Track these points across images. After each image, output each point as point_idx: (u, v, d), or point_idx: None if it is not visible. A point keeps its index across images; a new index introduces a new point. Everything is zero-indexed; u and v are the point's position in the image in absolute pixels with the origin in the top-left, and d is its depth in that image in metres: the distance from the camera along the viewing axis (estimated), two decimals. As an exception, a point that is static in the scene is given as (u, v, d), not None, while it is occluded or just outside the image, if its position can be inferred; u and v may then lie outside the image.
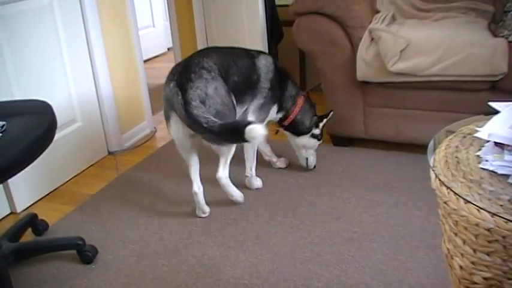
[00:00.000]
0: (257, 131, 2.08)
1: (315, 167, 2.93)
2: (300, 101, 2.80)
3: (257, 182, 2.78)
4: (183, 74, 2.36)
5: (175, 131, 2.41)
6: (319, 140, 2.85)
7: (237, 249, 2.26)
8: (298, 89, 2.85)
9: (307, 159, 2.89)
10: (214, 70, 2.41)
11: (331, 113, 2.87)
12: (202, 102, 2.26)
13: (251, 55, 2.68)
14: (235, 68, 2.55)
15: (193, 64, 2.40)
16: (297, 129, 2.81)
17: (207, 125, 2.19)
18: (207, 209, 2.56)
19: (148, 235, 2.44)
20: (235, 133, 2.16)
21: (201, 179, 2.55)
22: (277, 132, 2.90)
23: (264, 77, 2.65)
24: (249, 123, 2.13)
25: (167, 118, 2.43)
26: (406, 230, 2.30)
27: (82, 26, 3.13)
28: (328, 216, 2.47)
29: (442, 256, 1.40)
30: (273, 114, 2.77)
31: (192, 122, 2.24)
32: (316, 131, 2.83)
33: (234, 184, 2.58)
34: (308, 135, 2.82)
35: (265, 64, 2.67)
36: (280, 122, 2.84)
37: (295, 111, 2.78)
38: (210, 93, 2.31)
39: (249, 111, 2.65)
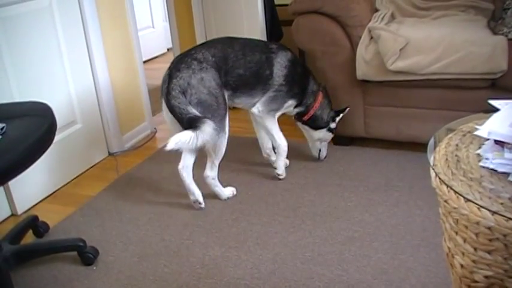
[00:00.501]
0: (182, 137, 2.24)
1: (325, 157, 3.03)
2: (320, 96, 2.88)
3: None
4: (176, 64, 2.51)
5: (165, 114, 2.54)
6: (333, 133, 2.96)
7: (238, 250, 2.26)
8: (318, 85, 2.90)
9: (320, 150, 3.00)
10: (208, 61, 2.48)
11: (347, 109, 2.94)
12: (183, 92, 2.39)
13: (268, 50, 2.70)
14: (243, 61, 2.59)
15: (189, 55, 2.51)
16: (316, 123, 2.91)
17: (180, 115, 2.36)
18: (196, 191, 2.60)
19: (149, 236, 2.43)
20: (189, 127, 2.29)
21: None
22: None
23: (277, 73, 2.67)
24: (200, 125, 2.28)
25: (161, 102, 2.54)
26: (407, 229, 2.30)
27: (81, 27, 3.13)
28: (329, 215, 2.47)
29: (443, 255, 1.40)
30: (290, 108, 2.82)
31: (170, 110, 2.43)
32: (333, 125, 2.93)
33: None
34: (325, 129, 2.93)
35: (281, 60, 2.69)
36: (299, 117, 2.90)
37: (315, 106, 2.86)
38: (193, 83, 2.41)
39: (259, 101, 2.70)
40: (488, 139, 1.31)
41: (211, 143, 2.45)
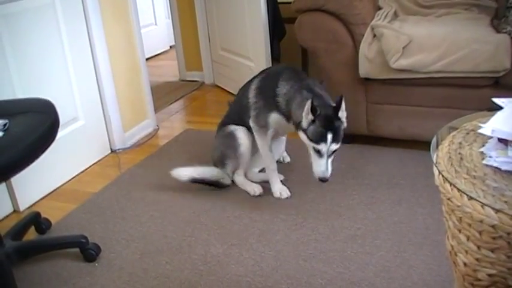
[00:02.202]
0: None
1: (323, 179, 2.84)
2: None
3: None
4: None
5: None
6: (307, 135, 2.80)
7: (240, 247, 2.26)
8: (308, 90, 2.47)
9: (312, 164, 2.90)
10: None
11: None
12: None
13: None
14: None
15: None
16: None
17: None
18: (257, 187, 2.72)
19: (151, 233, 2.44)
20: None
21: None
22: None
23: (250, 92, 2.68)
24: None
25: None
26: (409, 227, 2.30)
27: (84, 24, 3.13)
28: (331, 213, 2.47)
29: (445, 253, 1.40)
30: (282, 122, 2.56)
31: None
32: (304, 124, 2.79)
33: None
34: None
35: (254, 81, 2.71)
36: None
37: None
38: None
39: (250, 118, 2.68)
40: (491, 137, 1.31)
41: None
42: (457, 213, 1.19)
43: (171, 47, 6.45)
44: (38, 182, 2.85)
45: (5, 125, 1.80)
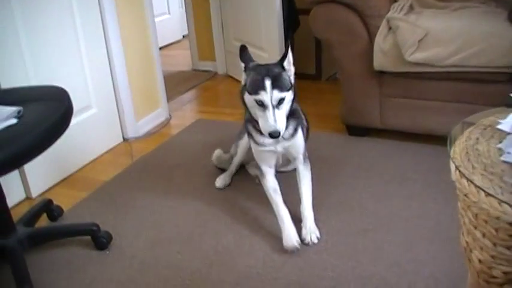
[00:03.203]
0: None
1: None
2: None
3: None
4: None
5: None
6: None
7: (251, 238, 2.26)
8: None
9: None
10: None
11: None
12: None
13: None
14: None
15: None
16: None
17: None
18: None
19: (163, 222, 2.44)
20: None
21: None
22: None
23: None
24: None
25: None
26: (421, 222, 2.28)
27: (98, 12, 3.13)
28: (343, 207, 2.46)
29: (457, 249, 1.39)
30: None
31: None
32: None
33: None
34: None
35: None
36: None
37: None
38: None
39: None
40: (509, 133, 1.30)
41: None
42: (473, 209, 1.18)
43: (184, 36, 6.45)
44: (50, 170, 2.86)
45: (19, 112, 1.81)
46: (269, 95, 2.02)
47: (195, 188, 2.73)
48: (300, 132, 2.32)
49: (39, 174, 2.80)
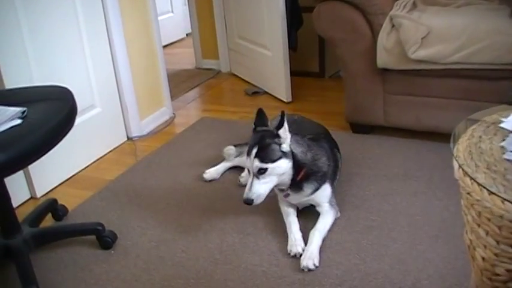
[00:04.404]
0: None
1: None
2: None
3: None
4: None
5: None
6: None
7: (256, 237, 2.26)
8: None
9: None
10: None
11: None
12: None
13: None
14: None
15: None
16: None
17: None
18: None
19: (168, 221, 2.44)
20: None
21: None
22: None
23: None
24: None
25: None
26: (425, 220, 2.28)
27: (101, 11, 3.13)
28: (347, 204, 2.46)
29: (461, 246, 1.39)
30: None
31: None
32: None
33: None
34: None
35: None
36: None
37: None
38: None
39: None
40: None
41: None
42: (477, 207, 1.18)
43: (187, 34, 6.45)
44: (55, 169, 2.87)
45: (23, 112, 1.81)
46: (251, 161, 2.06)
47: (200, 186, 2.73)
48: (323, 187, 2.28)
49: (44, 174, 2.80)
